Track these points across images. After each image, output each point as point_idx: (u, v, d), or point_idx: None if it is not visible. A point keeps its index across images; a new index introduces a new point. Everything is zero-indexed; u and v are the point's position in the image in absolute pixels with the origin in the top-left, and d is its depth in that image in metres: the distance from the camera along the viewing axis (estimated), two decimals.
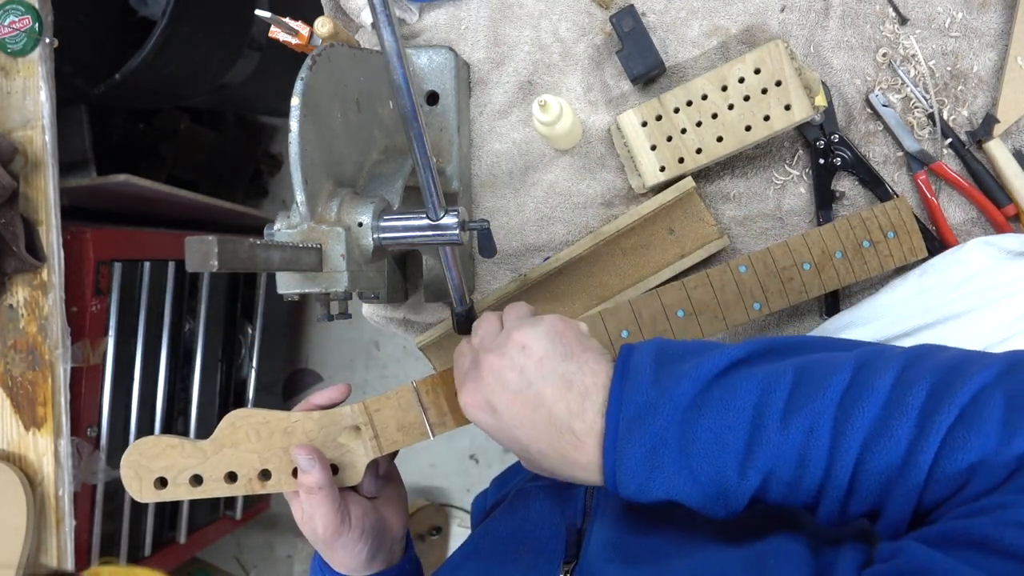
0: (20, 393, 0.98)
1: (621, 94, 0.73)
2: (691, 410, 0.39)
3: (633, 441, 0.39)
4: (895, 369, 0.37)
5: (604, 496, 0.52)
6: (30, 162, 0.97)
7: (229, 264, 0.37)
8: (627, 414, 0.40)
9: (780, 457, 0.37)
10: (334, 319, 0.55)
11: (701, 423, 0.38)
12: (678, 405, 0.39)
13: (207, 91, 1.41)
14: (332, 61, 0.53)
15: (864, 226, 0.66)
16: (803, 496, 0.38)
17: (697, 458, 0.38)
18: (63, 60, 1.04)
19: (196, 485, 0.53)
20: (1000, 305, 0.65)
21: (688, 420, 0.39)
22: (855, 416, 0.36)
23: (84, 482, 1.13)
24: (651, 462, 0.39)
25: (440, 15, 0.76)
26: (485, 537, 0.55)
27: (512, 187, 0.76)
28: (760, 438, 0.37)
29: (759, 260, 0.64)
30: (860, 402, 0.36)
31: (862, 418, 0.36)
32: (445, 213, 0.51)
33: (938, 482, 0.35)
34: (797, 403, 0.37)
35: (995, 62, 0.67)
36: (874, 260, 0.65)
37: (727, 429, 0.38)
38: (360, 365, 2.01)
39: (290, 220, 0.51)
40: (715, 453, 0.38)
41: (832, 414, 0.37)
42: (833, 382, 0.37)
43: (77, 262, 1.15)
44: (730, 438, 0.38)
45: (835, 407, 0.37)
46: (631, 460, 0.39)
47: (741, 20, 0.70)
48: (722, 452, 0.38)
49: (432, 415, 0.54)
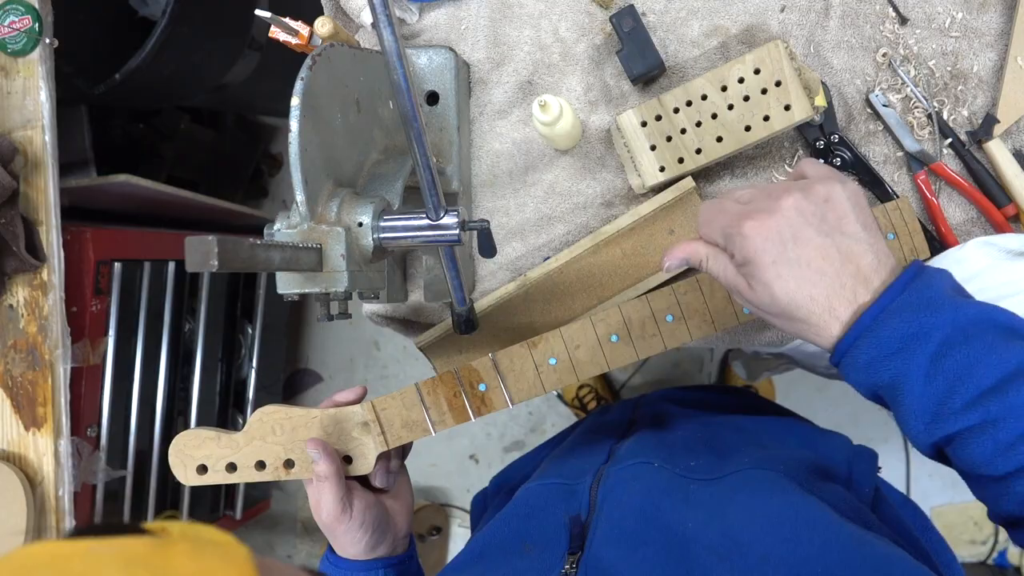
0: (20, 393, 0.98)
1: (621, 94, 0.73)
2: (963, 332, 0.40)
3: (900, 317, 0.40)
4: None
5: (610, 491, 0.52)
6: (30, 162, 0.97)
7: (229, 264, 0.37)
8: (909, 297, 0.41)
9: (1011, 416, 0.38)
10: (334, 319, 0.55)
11: (964, 346, 0.39)
12: (957, 320, 0.40)
13: (207, 91, 1.41)
14: (332, 61, 0.53)
15: None
16: (1003, 465, 0.38)
17: (942, 367, 0.39)
18: (63, 60, 1.04)
19: (231, 472, 0.60)
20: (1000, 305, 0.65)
21: (955, 336, 0.39)
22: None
23: (84, 482, 1.13)
24: (901, 345, 0.40)
25: (440, 15, 0.76)
26: (488, 537, 0.55)
27: (512, 187, 0.76)
28: (1006, 392, 0.38)
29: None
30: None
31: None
32: (445, 213, 0.51)
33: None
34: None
35: (995, 62, 0.67)
36: None
37: (981, 365, 0.39)
38: (360, 365, 2.01)
39: (290, 220, 0.51)
40: (959, 375, 0.39)
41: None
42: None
43: (77, 262, 1.15)
44: (980, 373, 0.39)
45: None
46: (885, 332, 0.40)
47: (741, 20, 0.70)
48: (965, 379, 0.39)
49: (433, 413, 0.60)
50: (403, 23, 0.76)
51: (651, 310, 0.62)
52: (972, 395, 0.39)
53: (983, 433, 0.39)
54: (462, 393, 0.61)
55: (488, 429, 1.94)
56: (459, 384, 0.60)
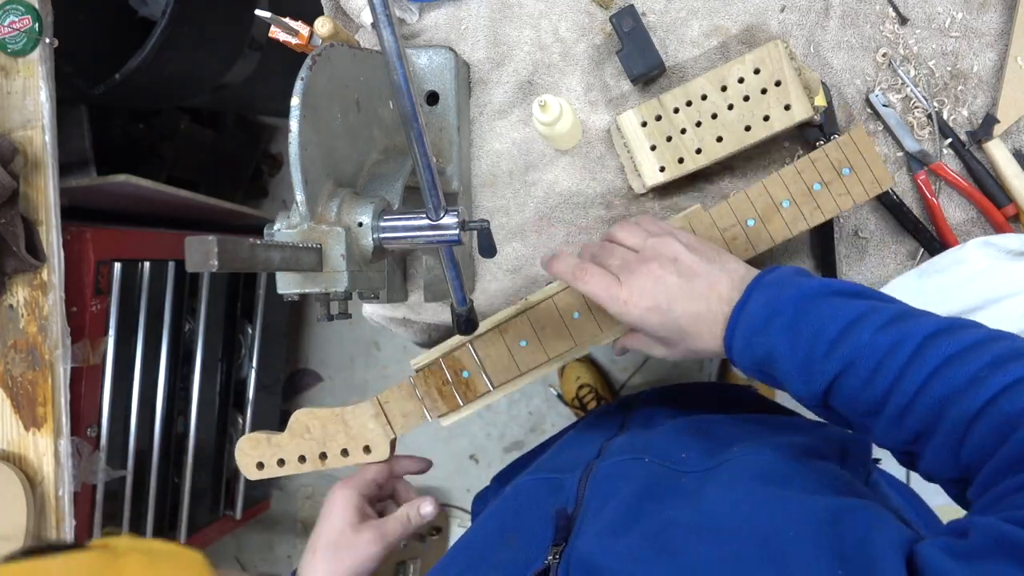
0: (20, 393, 0.98)
1: (621, 94, 0.73)
2: (809, 300, 0.48)
3: (757, 304, 0.50)
4: (987, 332, 0.43)
5: (598, 485, 0.53)
6: (30, 162, 0.97)
7: (229, 264, 0.37)
8: (761, 288, 0.51)
9: (863, 354, 0.44)
10: (334, 319, 0.55)
11: (813, 311, 0.47)
12: (804, 293, 0.49)
13: (207, 91, 1.41)
14: (332, 61, 0.53)
15: (813, 167, 0.62)
16: (869, 397, 0.44)
17: (799, 331, 0.47)
18: (63, 60, 1.04)
19: (281, 466, 0.68)
20: (1000, 305, 0.65)
21: (803, 306, 0.48)
22: (939, 345, 0.42)
23: (84, 482, 1.13)
24: (764, 323, 0.49)
25: (440, 15, 0.76)
26: (477, 530, 0.56)
27: (512, 187, 0.76)
28: (853, 333, 0.45)
29: (700, 224, 0.63)
30: (947, 338, 0.43)
31: (944, 348, 0.42)
32: (445, 213, 0.51)
33: (987, 419, 0.39)
34: (893, 324, 0.45)
35: (995, 62, 0.67)
36: (828, 202, 0.62)
37: (831, 320, 0.46)
38: (360, 365, 2.01)
39: (290, 220, 0.51)
40: (814, 333, 0.46)
41: (919, 339, 0.43)
42: (931, 321, 0.44)
43: (77, 262, 1.15)
44: (830, 326, 0.46)
45: (924, 335, 0.43)
46: (748, 318, 0.50)
47: (741, 20, 0.70)
48: (820, 334, 0.46)
49: (427, 402, 0.67)
50: (403, 23, 0.76)
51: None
52: (826, 347, 0.46)
53: (847, 375, 0.45)
54: (449, 382, 0.67)
55: (488, 429, 1.94)
56: (445, 373, 0.67)
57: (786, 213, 0.63)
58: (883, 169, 0.62)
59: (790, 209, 0.63)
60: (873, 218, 0.70)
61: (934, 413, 0.42)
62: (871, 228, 0.70)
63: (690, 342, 0.55)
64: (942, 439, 0.42)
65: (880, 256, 0.70)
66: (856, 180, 0.62)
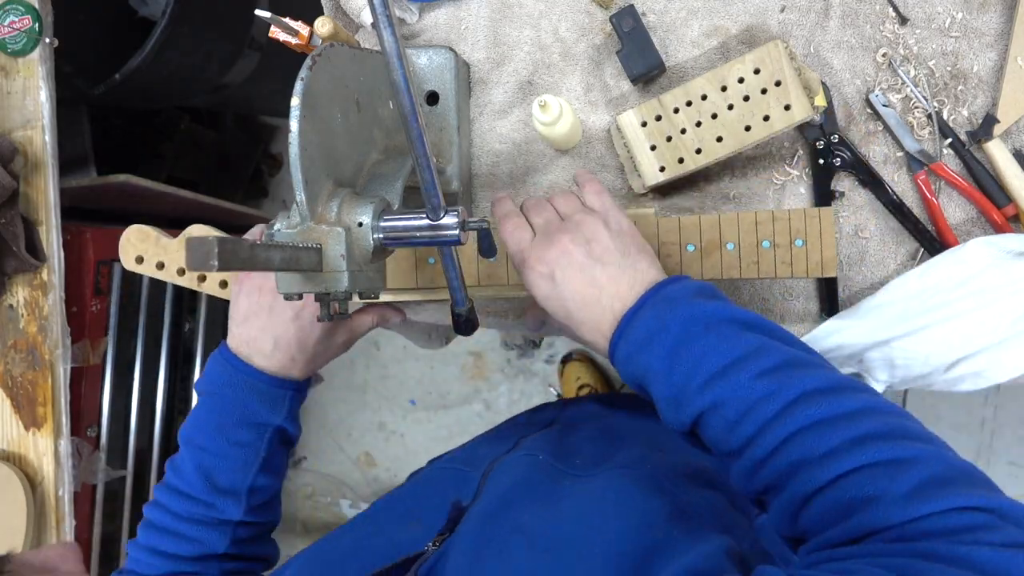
0: (20, 393, 0.98)
1: (621, 94, 0.73)
2: (698, 324, 0.46)
3: (645, 317, 0.48)
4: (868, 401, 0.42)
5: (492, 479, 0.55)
6: (30, 162, 0.97)
7: (229, 264, 0.37)
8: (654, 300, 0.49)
9: (735, 397, 0.43)
10: (334, 319, 0.55)
11: (699, 338, 0.45)
12: (694, 315, 0.46)
13: (207, 91, 1.41)
14: (332, 61, 0.53)
15: (772, 224, 0.61)
16: (732, 441, 0.44)
17: (680, 356, 0.45)
18: (63, 60, 1.04)
19: (159, 269, 0.68)
20: (1000, 305, 0.65)
21: (691, 329, 0.46)
22: (811, 405, 0.41)
23: (84, 482, 1.13)
24: (647, 339, 0.47)
25: (440, 15, 0.76)
26: (385, 503, 0.58)
27: (512, 187, 0.76)
28: (731, 375, 0.44)
29: (644, 226, 0.62)
30: (822, 400, 0.41)
31: (815, 411, 0.41)
32: (445, 213, 0.51)
33: (830, 495, 0.39)
34: (776, 371, 0.43)
35: (995, 62, 0.67)
36: (768, 264, 0.61)
37: (714, 353, 0.45)
38: (360, 365, 2.01)
39: (290, 220, 0.51)
40: (694, 362, 0.45)
41: (795, 395, 0.42)
42: (815, 377, 0.43)
43: (77, 262, 1.15)
44: (712, 359, 0.44)
45: (801, 391, 0.42)
46: (634, 330, 0.48)
47: (741, 20, 0.70)
48: (699, 365, 0.45)
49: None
50: (403, 23, 0.76)
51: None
52: (703, 380, 0.44)
53: (715, 414, 0.44)
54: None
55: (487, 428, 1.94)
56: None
57: (726, 255, 0.62)
58: (833, 257, 0.61)
59: (731, 253, 0.62)
60: (873, 218, 0.70)
61: (785, 473, 0.41)
62: (871, 228, 0.70)
63: (576, 328, 0.53)
64: (787, 499, 0.41)
65: (880, 256, 0.70)
66: (804, 256, 0.61)
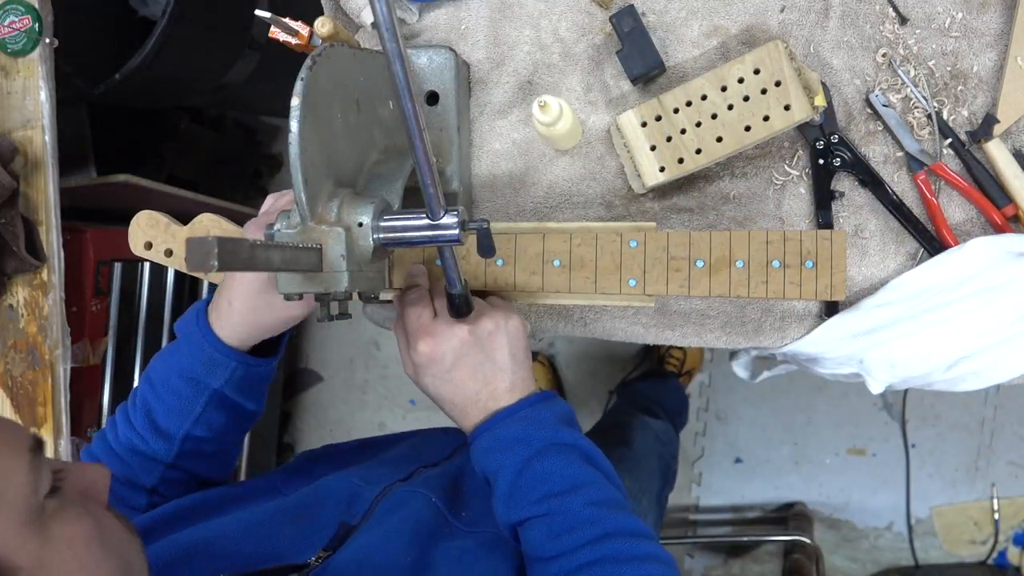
0: (20, 393, 0.98)
1: (621, 94, 0.73)
2: (556, 447, 0.55)
3: (513, 425, 0.55)
4: (656, 550, 0.52)
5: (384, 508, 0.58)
6: (30, 162, 0.97)
7: (229, 264, 0.37)
8: (525, 414, 0.56)
9: (567, 513, 0.52)
10: (334, 319, 0.55)
11: (550, 458, 0.54)
12: (554, 439, 0.55)
13: (207, 91, 1.41)
14: (332, 61, 0.53)
15: (783, 244, 0.60)
16: (551, 548, 0.52)
17: (532, 468, 0.53)
18: (63, 60, 1.04)
19: (168, 257, 0.68)
20: (1000, 305, 0.65)
21: (549, 449, 0.54)
22: (616, 541, 0.51)
23: None
24: (509, 444, 0.55)
25: (440, 15, 0.76)
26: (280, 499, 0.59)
27: (512, 187, 0.76)
28: (565, 496, 0.53)
29: (653, 240, 0.61)
30: (629, 540, 0.52)
31: (619, 547, 0.51)
32: (445, 213, 0.51)
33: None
34: (604, 505, 0.53)
35: (995, 62, 0.67)
36: (777, 284, 0.61)
37: (558, 474, 0.53)
38: (360, 365, 2.01)
39: (290, 220, 0.51)
40: (541, 477, 0.53)
41: (608, 528, 0.52)
42: (629, 523, 0.53)
43: (77, 262, 1.15)
44: (554, 479, 0.53)
45: (613, 528, 0.52)
46: (501, 432, 0.55)
47: (741, 20, 0.70)
48: (544, 480, 0.53)
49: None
50: (403, 23, 0.76)
51: (543, 248, 0.63)
52: (543, 493, 0.52)
53: (542, 522, 0.52)
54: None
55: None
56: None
57: (735, 273, 0.61)
58: (842, 281, 0.60)
59: (741, 271, 0.61)
60: (873, 218, 0.70)
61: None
62: (871, 228, 0.70)
63: (447, 407, 0.58)
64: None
65: (880, 256, 0.70)
66: (813, 277, 0.60)
